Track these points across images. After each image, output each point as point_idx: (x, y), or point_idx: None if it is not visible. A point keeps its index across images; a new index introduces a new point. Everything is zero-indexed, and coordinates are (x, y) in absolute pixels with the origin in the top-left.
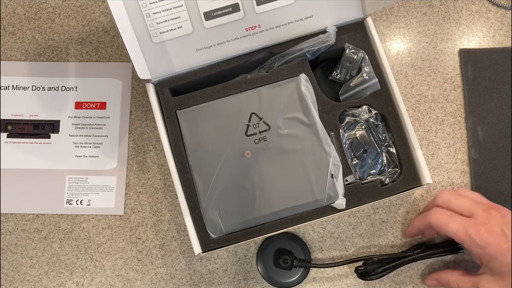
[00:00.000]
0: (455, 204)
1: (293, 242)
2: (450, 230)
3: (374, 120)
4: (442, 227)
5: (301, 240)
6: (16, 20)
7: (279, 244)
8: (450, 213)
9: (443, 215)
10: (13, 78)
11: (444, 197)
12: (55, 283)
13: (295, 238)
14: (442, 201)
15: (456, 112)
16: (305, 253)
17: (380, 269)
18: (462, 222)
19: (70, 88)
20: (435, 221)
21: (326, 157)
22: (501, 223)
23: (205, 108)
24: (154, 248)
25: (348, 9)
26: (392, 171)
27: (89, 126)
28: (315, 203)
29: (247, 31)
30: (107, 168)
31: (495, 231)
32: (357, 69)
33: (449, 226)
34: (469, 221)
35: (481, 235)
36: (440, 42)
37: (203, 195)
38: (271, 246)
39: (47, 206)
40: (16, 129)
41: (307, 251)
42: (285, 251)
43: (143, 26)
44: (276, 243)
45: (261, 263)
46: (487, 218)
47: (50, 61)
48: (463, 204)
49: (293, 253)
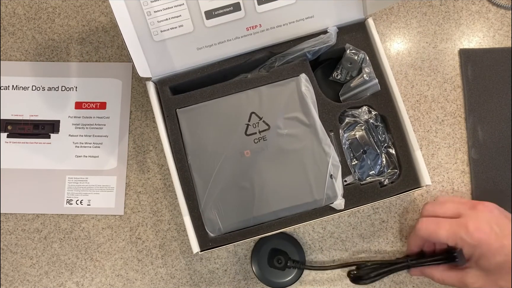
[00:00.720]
0: (441, 212)
1: (288, 242)
2: (440, 237)
3: (374, 121)
4: (432, 236)
5: (296, 241)
6: (16, 20)
7: (274, 244)
8: (437, 219)
9: (430, 224)
10: (13, 78)
11: (428, 210)
12: (55, 283)
13: (290, 238)
14: (428, 214)
15: (456, 112)
16: (299, 254)
17: (373, 273)
18: (451, 225)
19: (70, 88)
20: (424, 232)
21: (326, 158)
22: (489, 219)
23: (205, 107)
24: (154, 248)
25: (349, 9)
26: (391, 172)
27: (89, 126)
28: (314, 203)
29: (248, 30)
30: (107, 168)
31: (484, 229)
32: (357, 70)
33: (438, 233)
34: (457, 222)
35: (471, 234)
36: (440, 42)
37: (202, 194)
38: (266, 246)
39: (47, 206)
40: (16, 129)
41: (302, 252)
42: (280, 252)
43: (144, 24)
44: (271, 243)
45: (255, 262)
46: (475, 215)
47: (50, 61)
48: (448, 208)
49: (287, 253)
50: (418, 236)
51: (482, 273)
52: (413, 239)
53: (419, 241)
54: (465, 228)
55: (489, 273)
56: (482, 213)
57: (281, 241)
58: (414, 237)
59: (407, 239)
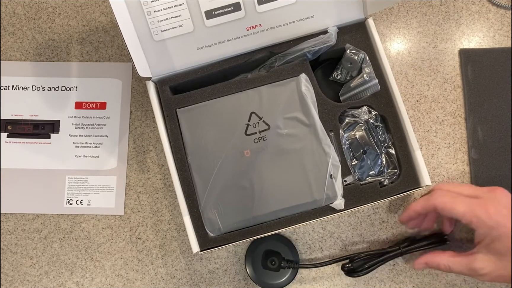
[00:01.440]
0: (457, 190)
1: (282, 243)
2: (456, 211)
3: (374, 121)
4: (447, 208)
5: (289, 241)
6: (16, 20)
7: (267, 246)
8: (455, 194)
9: (448, 197)
10: (13, 78)
11: (442, 186)
12: (55, 283)
13: (284, 239)
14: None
15: (456, 112)
16: (293, 254)
17: (366, 265)
18: (470, 203)
19: (70, 88)
20: (439, 203)
21: (326, 158)
22: (506, 204)
23: (205, 107)
24: (154, 248)
25: (349, 9)
26: (391, 172)
27: (89, 126)
28: (314, 203)
29: (248, 30)
30: (107, 168)
31: (503, 212)
32: (357, 70)
33: (455, 207)
34: (476, 201)
35: (490, 215)
36: (440, 42)
37: (202, 193)
38: (259, 247)
39: (47, 206)
40: (16, 129)
41: (295, 252)
42: (273, 253)
43: (144, 24)
44: (265, 245)
45: (249, 264)
46: (494, 198)
47: (50, 61)
48: (465, 189)
49: (281, 254)
50: (428, 204)
51: (493, 257)
52: (419, 205)
53: (424, 210)
54: (485, 208)
55: (501, 257)
56: (501, 197)
57: (274, 242)
58: (422, 202)
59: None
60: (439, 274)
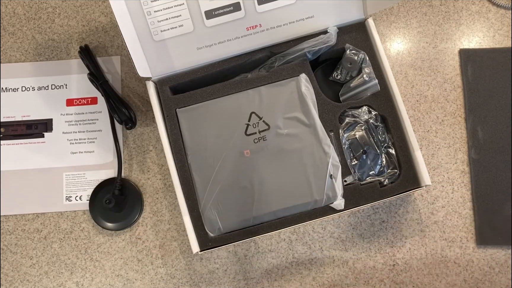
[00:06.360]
0: None
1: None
2: None
3: (374, 121)
4: None
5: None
6: (16, 20)
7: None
8: None
9: None
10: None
11: None
12: (55, 283)
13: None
14: None
15: (456, 112)
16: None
17: None
18: None
19: (60, 86)
20: None
21: (325, 158)
22: None
23: (205, 107)
24: (154, 248)
25: (349, 9)
26: (391, 172)
27: (82, 122)
28: (314, 203)
29: (248, 30)
30: (104, 162)
31: None
32: (357, 70)
33: None
34: None
35: None
36: (440, 42)
37: (201, 193)
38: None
39: (46, 204)
40: (9, 131)
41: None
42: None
43: (144, 24)
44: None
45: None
46: None
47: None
48: None
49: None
50: None
51: None
52: None
53: None
54: None
55: None
56: None
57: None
58: None
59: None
60: (439, 274)
